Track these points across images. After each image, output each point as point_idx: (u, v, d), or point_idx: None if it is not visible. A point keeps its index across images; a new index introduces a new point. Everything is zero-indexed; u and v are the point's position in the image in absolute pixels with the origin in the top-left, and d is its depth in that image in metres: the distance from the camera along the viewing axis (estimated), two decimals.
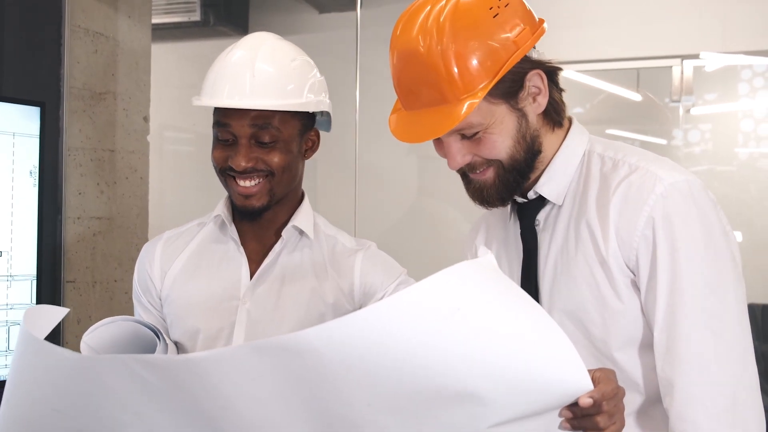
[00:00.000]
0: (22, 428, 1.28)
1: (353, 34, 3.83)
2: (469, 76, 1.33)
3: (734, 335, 1.33)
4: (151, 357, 1.07)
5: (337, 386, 1.04)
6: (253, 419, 1.10)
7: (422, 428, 1.08)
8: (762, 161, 5.62)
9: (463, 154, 1.41)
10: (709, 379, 1.32)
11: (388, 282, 1.73)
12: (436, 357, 1.02)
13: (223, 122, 1.65)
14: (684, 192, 1.35)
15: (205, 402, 1.09)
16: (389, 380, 1.03)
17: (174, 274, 1.78)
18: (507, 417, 1.09)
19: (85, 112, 2.88)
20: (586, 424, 1.13)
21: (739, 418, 1.31)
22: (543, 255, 1.49)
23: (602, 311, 1.40)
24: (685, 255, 1.33)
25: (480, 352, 1.04)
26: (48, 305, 1.33)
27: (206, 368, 1.04)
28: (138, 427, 1.16)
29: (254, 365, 1.03)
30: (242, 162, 1.64)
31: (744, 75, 5.52)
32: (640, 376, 1.41)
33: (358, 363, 1.01)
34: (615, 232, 1.37)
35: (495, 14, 1.36)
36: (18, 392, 1.24)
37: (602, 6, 4.03)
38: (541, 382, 1.08)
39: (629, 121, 5.01)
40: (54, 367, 1.14)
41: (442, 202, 4.08)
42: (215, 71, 1.66)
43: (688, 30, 4.13)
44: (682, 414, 1.32)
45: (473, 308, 1.04)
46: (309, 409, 1.07)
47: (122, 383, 1.10)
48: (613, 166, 1.43)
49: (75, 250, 2.82)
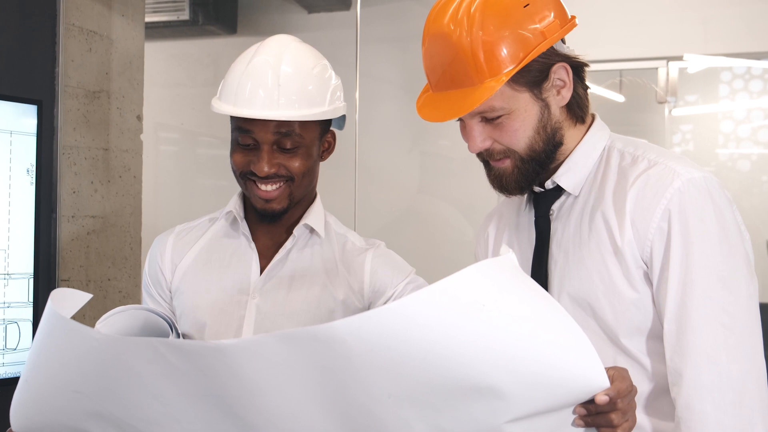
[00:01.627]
0: (40, 408, 1.30)
1: (344, 35, 3.85)
2: (495, 61, 1.38)
3: (744, 329, 1.36)
4: (179, 341, 1.09)
5: (360, 377, 1.06)
6: (274, 407, 1.12)
7: (440, 420, 1.11)
8: (741, 162, 5.71)
9: (483, 138, 1.45)
10: (718, 371, 1.34)
11: (398, 281, 1.75)
12: (459, 351, 1.05)
13: (246, 128, 1.65)
14: (701, 188, 1.38)
15: (227, 388, 1.11)
16: (412, 373, 1.05)
17: (184, 268, 1.80)
18: (524, 413, 1.11)
19: (80, 110, 2.88)
20: (600, 421, 1.15)
21: (746, 410, 1.34)
22: (556, 242, 1.52)
23: (611, 298, 1.43)
24: (699, 249, 1.36)
25: (502, 348, 1.07)
26: (73, 289, 1.35)
27: (233, 355, 1.06)
28: (156, 409, 1.18)
29: (281, 354, 1.05)
30: (265, 168, 1.65)
31: (724, 77, 5.60)
32: (647, 364, 1.44)
33: (383, 355, 1.03)
34: (631, 223, 1.40)
35: (526, 4, 1.40)
36: (39, 373, 1.26)
37: (588, 8, 4.08)
38: (559, 379, 1.11)
39: (613, 122, 5.07)
40: (81, 348, 1.16)
41: (442, 200, 4.12)
42: (238, 78, 1.66)
43: (672, 32, 4.19)
44: (690, 404, 1.35)
45: (497, 305, 1.06)
46: (329, 397, 1.09)
47: (147, 366, 1.12)
48: (632, 160, 1.46)
49: (69, 248, 2.82)
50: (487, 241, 1.72)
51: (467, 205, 4.00)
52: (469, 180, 3.70)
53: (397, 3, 3.84)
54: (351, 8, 4.14)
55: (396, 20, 3.83)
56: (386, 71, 3.62)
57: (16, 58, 2.69)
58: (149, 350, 1.11)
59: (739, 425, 1.34)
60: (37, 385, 1.28)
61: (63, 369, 1.21)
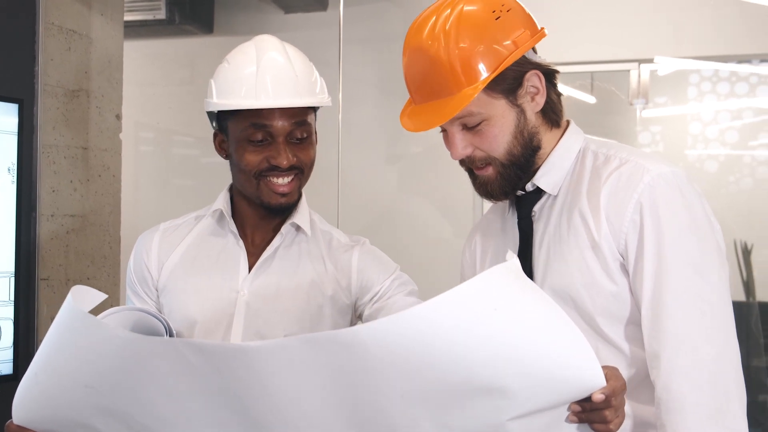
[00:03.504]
0: (46, 402, 1.32)
1: (320, 35, 3.88)
2: (472, 71, 1.47)
3: (717, 313, 1.44)
4: (202, 342, 1.13)
5: (375, 378, 1.11)
6: (287, 406, 1.16)
7: (446, 418, 1.16)
8: (709, 162, 5.81)
9: (464, 145, 1.54)
10: (694, 353, 1.42)
11: (384, 277, 1.79)
12: (472, 352, 1.11)
13: (262, 123, 1.68)
14: (670, 181, 1.47)
15: (244, 387, 1.15)
16: (426, 374, 1.11)
17: (171, 266, 1.81)
18: (526, 410, 1.17)
19: (59, 109, 2.88)
20: (594, 418, 1.22)
21: (722, 390, 1.41)
22: (537, 241, 1.60)
23: (591, 290, 1.50)
24: (671, 238, 1.44)
25: (511, 349, 1.13)
26: (90, 288, 1.37)
27: (256, 357, 1.10)
28: (168, 406, 1.21)
29: (301, 356, 1.10)
30: (284, 160, 1.68)
31: (692, 79, 5.70)
32: (627, 350, 1.51)
33: (400, 358, 1.09)
34: (606, 217, 1.49)
35: (497, 17, 1.49)
36: (50, 366, 1.27)
37: (561, 11, 4.14)
38: (561, 378, 1.17)
39: (584, 123, 5.14)
40: (100, 344, 1.18)
41: (422, 202, 4.17)
42: (252, 74, 1.69)
43: (643, 35, 4.26)
44: (668, 385, 1.42)
45: (508, 309, 1.13)
46: (341, 397, 1.14)
47: (165, 364, 1.16)
48: (605, 160, 1.55)
49: (49, 247, 2.82)
50: (475, 251, 1.79)
51: (447, 206, 4.05)
52: (448, 179, 3.75)
53: (375, 4, 3.87)
54: (328, 9, 4.16)
55: (375, 21, 3.86)
56: (363, 72, 3.66)
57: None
58: (171, 349, 1.15)
59: (716, 405, 1.41)
60: (46, 379, 1.29)
61: (77, 364, 1.23)
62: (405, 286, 1.80)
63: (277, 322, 1.74)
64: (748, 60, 4.78)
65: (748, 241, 5.12)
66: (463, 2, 1.50)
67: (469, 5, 1.50)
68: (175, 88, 4.28)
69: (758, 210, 5.52)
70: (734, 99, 5.72)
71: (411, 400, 1.13)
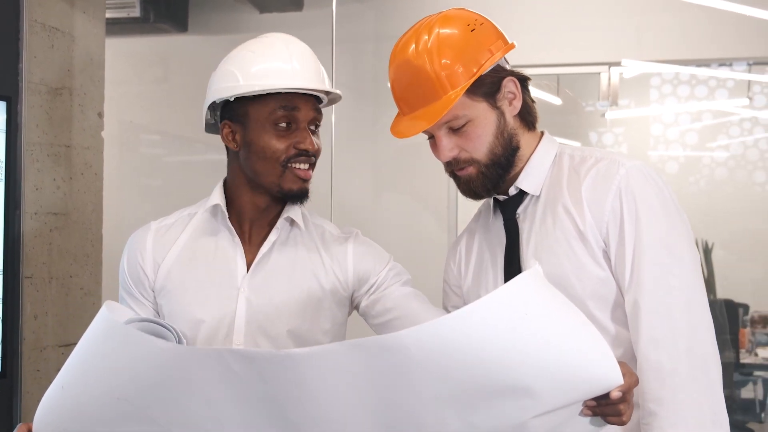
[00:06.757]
0: (72, 415, 1.32)
1: (295, 36, 3.89)
2: (454, 78, 1.63)
3: (689, 287, 1.60)
4: (248, 350, 1.19)
5: (411, 380, 1.18)
6: (327, 410, 1.21)
7: (473, 418, 1.22)
8: (670, 163, 5.96)
9: (451, 147, 1.68)
10: (670, 325, 1.57)
11: (380, 268, 1.84)
12: (504, 356, 1.18)
13: (293, 105, 1.74)
14: (643, 172, 1.64)
15: (285, 393, 1.19)
16: (460, 376, 1.18)
17: (168, 266, 1.81)
18: (548, 408, 1.25)
19: (42, 107, 2.87)
20: (609, 411, 1.31)
21: (698, 358, 1.56)
22: (524, 238, 1.73)
23: (580, 275, 1.64)
24: (646, 221, 1.60)
25: (539, 352, 1.21)
26: (119, 303, 1.38)
27: (303, 362, 1.16)
28: (205, 413, 1.24)
29: (346, 361, 1.16)
30: (312, 145, 1.76)
31: (654, 82, 5.84)
32: (613, 331, 1.65)
33: (439, 361, 1.16)
34: (588, 208, 1.64)
35: (472, 29, 1.66)
36: (80, 379, 1.28)
37: (532, 15, 4.22)
38: (583, 378, 1.25)
39: (549, 124, 5.25)
40: (138, 356, 1.21)
41: (400, 193, 4.25)
42: (281, 59, 1.73)
43: (610, 39, 4.35)
44: (647, 355, 1.56)
45: (536, 313, 1.21)
46: (378, 399, 1.20)
47: (207, 373, 1.19)
48: (581, 160, 1.71)
49: (32, 245, 2.81)
50: (461, 258, 1.88)
51: (433, 202, 4.13)
52: (424, 175, 3.82)
53: (345, 6, 3.92)
54: (303, 9, 4.19)
55: (346, 23, 3.89)
56: (338, 72, 3.71)
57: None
58: (216, 358, 1.18)
59: (692, 371, 1.54)
60: (75, 392, 1.31)
61: (111, 376, 1.25)
62: (400, 276, 1.85)
63: (279, 317, 1.76)
64: (707, 64, 4.91)
65: (708, 240, 5.26)
66: (438, 25, 1.66)
67: (445, 27, 1.66)
68: (148, 86, 4.26)
69: (717, 210, 5.69)
70: (694, 101, 5.88)
71: (443, 402, 1.20)
